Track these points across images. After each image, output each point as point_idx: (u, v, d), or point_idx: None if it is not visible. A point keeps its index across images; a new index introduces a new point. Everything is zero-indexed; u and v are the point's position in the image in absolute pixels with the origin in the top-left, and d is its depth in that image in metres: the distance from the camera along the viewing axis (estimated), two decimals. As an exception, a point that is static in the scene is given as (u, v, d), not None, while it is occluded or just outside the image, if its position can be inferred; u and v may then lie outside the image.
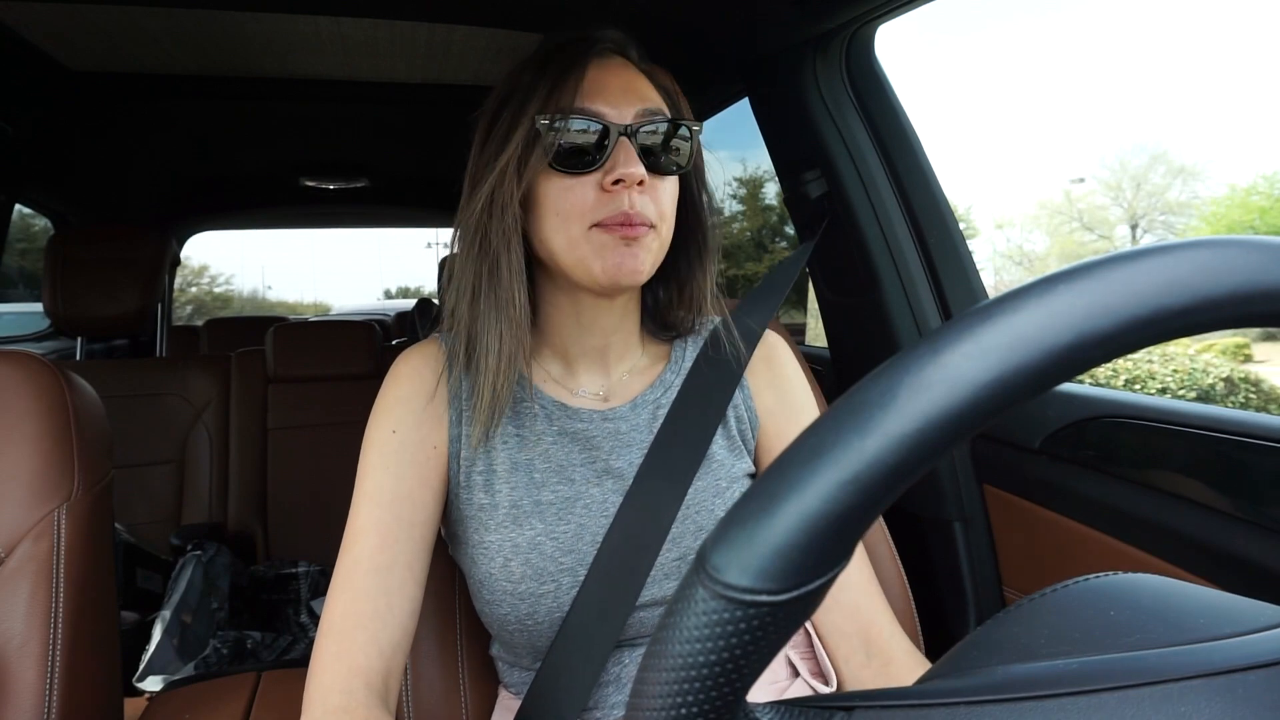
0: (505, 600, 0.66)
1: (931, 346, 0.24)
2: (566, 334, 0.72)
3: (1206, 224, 11.01)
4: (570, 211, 0.63)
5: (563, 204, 0.64)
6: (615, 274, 0.63)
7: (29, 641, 0.71)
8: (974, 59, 39.32)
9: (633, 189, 0.62)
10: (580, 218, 0.63)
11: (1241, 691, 0.24)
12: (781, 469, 0.25)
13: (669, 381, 0.74)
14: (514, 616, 0.67)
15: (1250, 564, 0.69)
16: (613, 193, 0.62)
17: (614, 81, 0.65)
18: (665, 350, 0.77)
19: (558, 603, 0.66)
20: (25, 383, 0.76)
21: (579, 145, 0.63)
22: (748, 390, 0.77)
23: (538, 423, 0.70)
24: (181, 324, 3.79)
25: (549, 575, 0.66)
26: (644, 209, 0.63)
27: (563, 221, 0.64)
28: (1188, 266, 0.24)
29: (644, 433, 0.71)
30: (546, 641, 0.67)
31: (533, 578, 0.66)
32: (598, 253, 0.63)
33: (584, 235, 0.63)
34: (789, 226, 1.40)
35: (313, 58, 1.55)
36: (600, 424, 0.70)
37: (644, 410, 0.72)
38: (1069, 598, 0.33)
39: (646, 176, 0.63)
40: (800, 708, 0.28)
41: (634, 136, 0.63)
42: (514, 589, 0.66)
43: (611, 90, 0.65)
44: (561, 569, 0.66)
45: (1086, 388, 0.94)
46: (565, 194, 0.63)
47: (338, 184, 2.68)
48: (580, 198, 0.63)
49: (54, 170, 2.24)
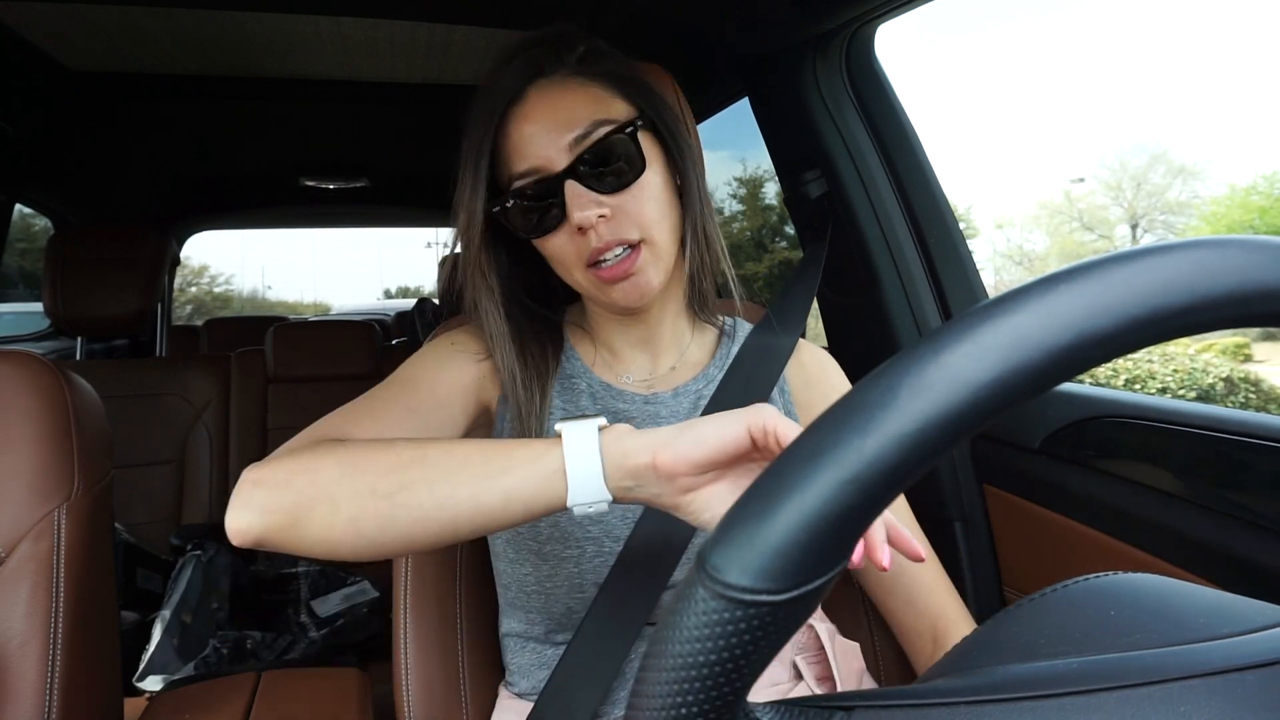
0: (528, 559, 0.68)
1: (932, 346, 0.24)
2: (610, 330, 0.74)
3: (1206, 224, 11.02)
4: (559, 261, 0.67)
5: (554, 257, 0.67)
6: (625, 303, 0.66)
7: (29, 641, 0.71)
8: (974, 59, 39.37)
9: (597, 226, 0.63)
10: (571, 265, 0.66)
11: (1240, 691, 0.24)
12: (781, 469, 0.25)
13: (712, 375, 0.75)
14: (534, 577, 0.68)
15: (1250, 564, 0.69)
16: (583, 236, 0.64)
17: (540, 119, 0.64)
18: (712, 344, 0.79)
19: (579, 569, 0.67)
20: (25, 383, 0.76)
21: (534, 209, 0.65)
22: (788, 395, 0.78)
23: (583, 399, 0.72)
24: (181, 324, 3.79)
25: (574, 540, 0.67)
26: (620, 233, 0.63)
27: (559, 267, 0.68)
28: (1188, 266, 0.24)
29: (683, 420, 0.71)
30: (563, 609, 0.68)
31: (559, 539, 0.67)
32: (602, 290, 0.66)
33: (583, 277, 0.66)
34: (789, 226, 1.40)
35: (313, 58, 1.54)
36: (642, 407, 0.72)
37: (685, 399, 0.73)
38: (1069, 598, 0.33)
39: (607, 208, 0.63)
40: (800, 708, 0.28)
41: (578, 175, 0.63)
42: (539, 549, 0.68)
43: (539, 134, 0.64)
44: (588, 536, 0.67)
45: (1086, 388, 0.94)
46: (550, 250, 0.67)
47: (338, 184, 2.67)
48: (561, 250, 0.66)
49: (54, 170, 2.23)
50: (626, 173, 0.64)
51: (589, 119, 0.64)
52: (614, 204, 0.63)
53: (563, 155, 0.63)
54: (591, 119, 0.64)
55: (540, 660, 0.72)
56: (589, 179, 0.63)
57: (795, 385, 0.78)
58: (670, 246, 0.67)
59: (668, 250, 0.67)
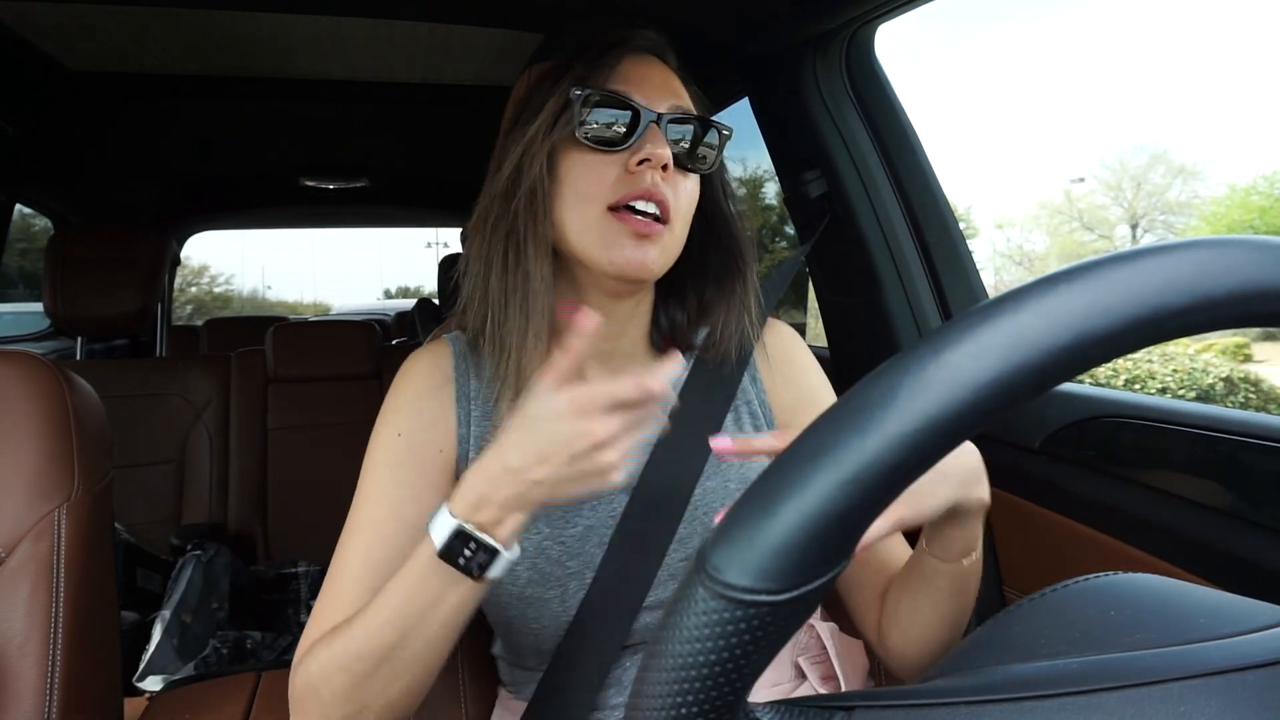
0: (511, 604, 0.66)
1: (932, 346, 0.24)
2: None
3: (1206, 224, 11.00)
4: (590, 190, 0.63)
5: (584, 181, 0.63)
6: (624, 267, 0.63)
7: (29, 641, 0.71)
8: (973, 59, 39.36)
9: (656, 171, 0.62)
10: (600, 197, 0.63)
11: (1240, 691, 0.24)
12: (782, 468, 0.25)
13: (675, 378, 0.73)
14: (519, 620, 0.66)
15: (1250, 564, 0.69)
16: (636, 173, 0.62)
17: (650, 75, 0.66)
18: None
19: (564, 607, 0.65)
20: (25, 383, 0.76)
21: (609, 124, 0.63)
22: (760, 384, 0.76)
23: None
24: (181, 324, 3.79)
25: (555, 580, 0.65)
26: (666, 195, 0.63)
27: (580, 200, 0.63)
28: (1188, 266, 0.24)
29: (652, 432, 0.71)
30: (550, 644, 0.67)
31: (538, 583, 0.65)
32: (608, 242, 0.62)
33: (599, 218, 0.63)
34: (789, 226, 1.40)
35: (313, 58, 1.54)
36: None
37: None
38: (1069, 598, 0.33)
39: (672, 164, 0.63)
40: (801, 708, 0.28)
41: (664, 126, 0.64)
42: (519, 593, 0.65)
43: (646, 82, 0.65)
44: (568, 573, 0.66)
45: (1086, 388, 0.94)
46: (588, 171, 0.63)
47: (338, 184, 2.67)
48: (602, 176, 0.63)
49: (54, 170, 2.24)
50: (700, 163, 0.67)
51: (690, 106, 0.67)
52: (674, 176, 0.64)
53: (661, 106, 0.64)
54: (692, 108, 0.67)
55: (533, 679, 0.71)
56: (671, 141, 0.64)
57: (773, 384, 0.77)
58: (678, 248, 0.66)
59: (677, 249, 0.66)
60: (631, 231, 0.62)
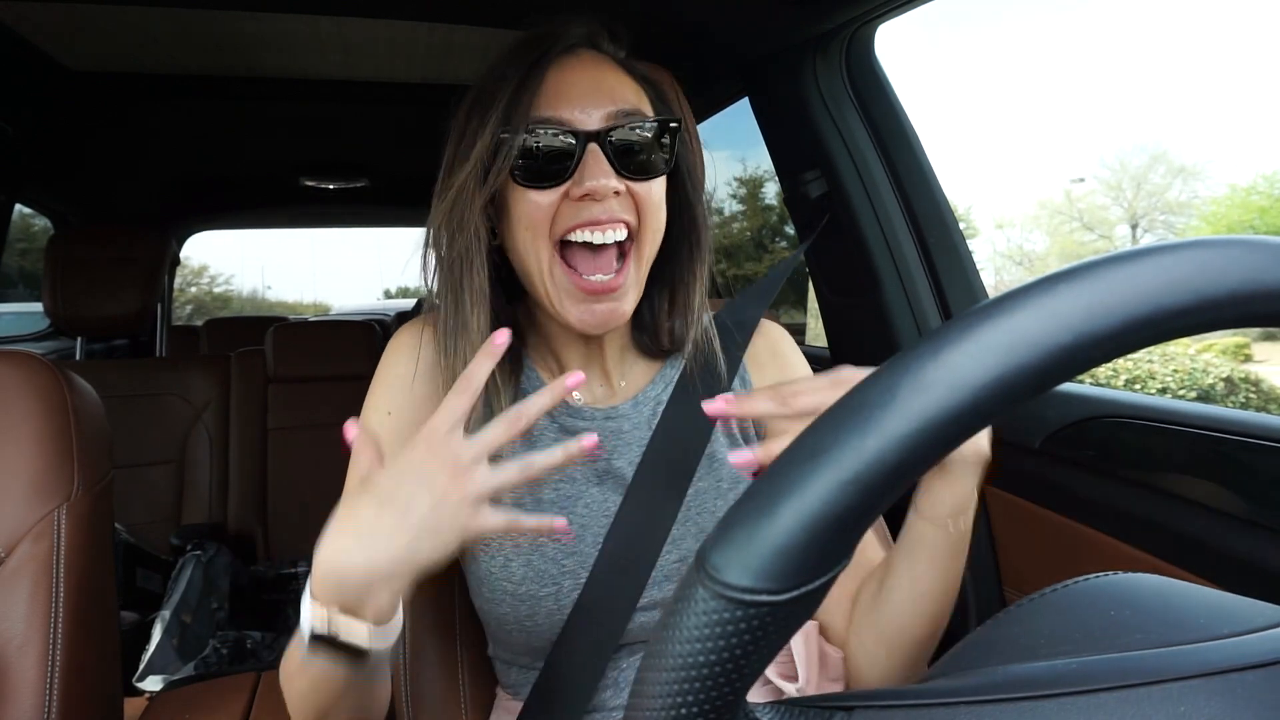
0: (505, 600, 0.66)
1: (932, 346, 0.24)
2: (559, 340, 0.71)
3: (1206, 224, 11.00)
4: (537, 224, 0.61)
5: (531, 216, 0.61)
6: (592, 326, 0.62)
7: (29, 641, 0.71)
8: (973, 58, 39.42)
9: (608, 199, 0.60)
10: (549, 232, 0.61)
11: (1240, 691, 0.24)
12: (782, 469, 0.25)
13: (670, 376, 0.73)
14: (513, 617, 0.66)
15: (1250, 564, 0.69)
16: (582, 204, 0.60)
17: (580, 82, 0.62)
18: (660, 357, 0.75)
19: (558, 605, 0.65)
20: (25, 383, 0.76)
21: (544, 156, 0.60)
22: (750, 386, 0.75)
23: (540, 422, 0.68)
24: (181, 324, 3.79)
25: (550, 577, 0.65)
26: (623, 213, 0.61)
27: (532, 237, 0.61)
28: (1188, 266, 0.24)
29: (645, 431, 0.70)
30: (545, 643, 0.66)
31: (534, 579, 0.65)
32: (571, 296, 0.62)
33: (555, 262, 0.61)
34: (789, 226, 1.40)
35: (313, 58, 1.54)
36: (603, 423, 0.69)
37: (645, 407, 0.71)
38: (1069, 598, 0.33)
39: (621, 185, 0.60)
40: (800, 708, 0.28)
41: (605, 142, 0.60)
42: (514, 590, 0.65)
43: (577, 92, 0.61)
44: (563, 571, 0.65)
45: (1086, 388, 0.94)
46: (531, 208, 0.61)
47: (338, 184, 2.67)
48: (546, 212, 0.61)
49: (54, 170, 2.24)
50: (657, 164, 0.63)
51: (632, 104, 0.63)
52: (631, 189, 0.62)
53: (596, 120, 0.61)
54: (634, 105, 0.63)
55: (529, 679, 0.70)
56: (618, 153, 0.61)
57: (753, 369, 0.76)
58: (650, 261, 0.65)
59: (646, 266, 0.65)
60: (594, 291, 0.61)
